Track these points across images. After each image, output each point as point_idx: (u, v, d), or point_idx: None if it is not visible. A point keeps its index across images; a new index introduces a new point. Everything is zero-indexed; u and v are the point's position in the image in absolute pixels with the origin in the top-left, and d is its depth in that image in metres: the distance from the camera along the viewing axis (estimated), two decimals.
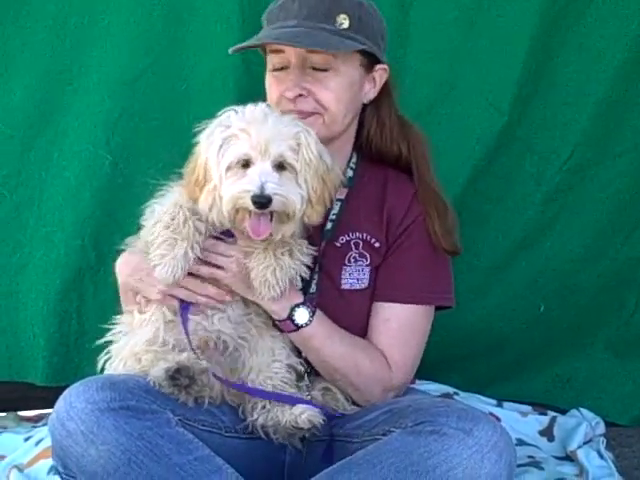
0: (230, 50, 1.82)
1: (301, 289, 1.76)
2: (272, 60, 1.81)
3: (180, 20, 2.34)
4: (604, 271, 2.54)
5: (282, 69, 1.79)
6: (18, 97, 2.33)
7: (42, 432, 2.24)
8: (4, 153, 2.36)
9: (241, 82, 2.35)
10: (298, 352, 1.80)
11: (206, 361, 1.68)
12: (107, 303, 2.35)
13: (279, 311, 1.73)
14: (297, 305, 1.73)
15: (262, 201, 1.58)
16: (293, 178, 1.64)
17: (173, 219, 1.65)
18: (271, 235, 1.64)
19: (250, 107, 1.67)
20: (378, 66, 1.84)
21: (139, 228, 1.81)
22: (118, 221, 2.38)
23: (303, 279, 1.75)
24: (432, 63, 2.44)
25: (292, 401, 1.71)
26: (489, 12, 2.40)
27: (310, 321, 1.73)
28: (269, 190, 1.58)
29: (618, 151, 2.47)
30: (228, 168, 1.62)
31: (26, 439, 2.26)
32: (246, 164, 1.62)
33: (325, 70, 1.76)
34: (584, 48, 2.40)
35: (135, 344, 1.72)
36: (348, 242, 1.84)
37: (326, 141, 1.76)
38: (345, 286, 1.83)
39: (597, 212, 2.50)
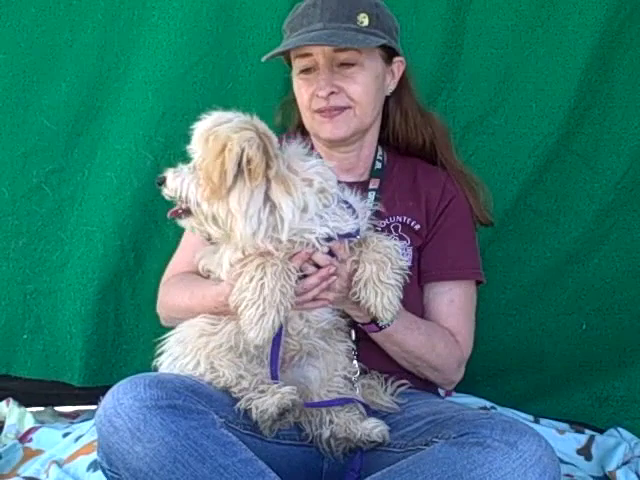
0: (263, 58, 1.88)
1: None
2: (299, 64, 1.89)
3: (229, 18, 2.28)
4: None
5: (309, 71, 1.87)
6: (64, 93, 2.28)
7: (82, 428, 2.25)
8: (48, 149, 2.31)
9: (288, 82, 2.26)
10: None
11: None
12: (144, 305, 2.36)
13: (364, 316, 1.75)
14: None
15: None
16: None
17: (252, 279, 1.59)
18: None
19: None
20: (396, 59, 1.93)
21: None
22: (157, 223, 2.35)
23: None
24: (486, 71, 2.36)
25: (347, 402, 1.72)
26: (549, 21, 2.32)
27: (392, 321, 1.74)
28: None
29: None
30: None
31: (64, 435, 2.26)
32: None
33: (352, 66, 1.84)
34: None
35: (212, 349, 1.69)
36: (387, 226, 1.88)
37: (359, 134, 1.90)
38: None
39: None
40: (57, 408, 2.50)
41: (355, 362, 1.78)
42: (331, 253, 1.67)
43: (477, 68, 2.36)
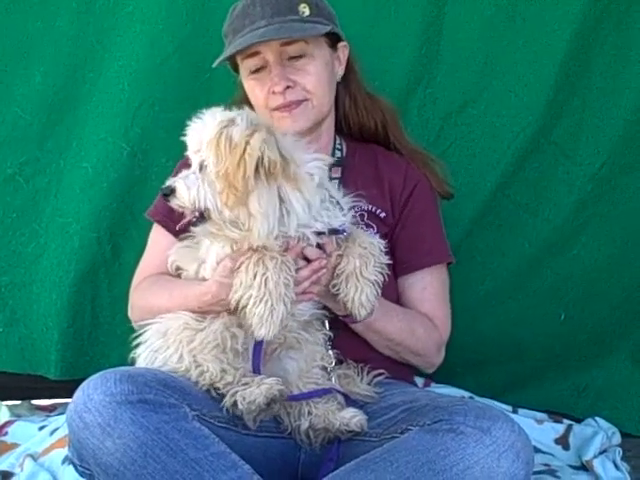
0: (214, 64, 1.87)
1: None
2: (247, 65, 1.87)
3: (205, 8, 2.26)
4: (628, 281, 2.48)
5: (260, 70, 1.86)
6: (38, 83, 2.25)
7: (57, 422, 2.23)
8: (22, 140, 2.29)
9: None
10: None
11: None
12: (121, 297, 2.32)
13: (342, 309, 1.75)
14: None
15: None
16: None
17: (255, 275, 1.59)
18: None
19: None
20: (340, 44, 1.94)
21: None
22: (134, 214, 2.33)
23: None
24: (465, 62, 2.36)
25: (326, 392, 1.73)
26: (527, 11, 2.31)
27: (366, 317, 1.74)
28: None
29: None
30: None
31: (40, 428, 2.24)
32: None
33: (301, 57, 1.85)
34: (623, 53, 2.32)
35: (196, 345, 1.68)
36: (353, 215, 1.85)
37: (318, 124, 1.90)
38: None
39: (626, 221, 2.44)
40: (34, 401, 2.48)
41: (330, 351, 1.79)
42: (319, 247, 1.68)
43: (456, 59, 2.36)
